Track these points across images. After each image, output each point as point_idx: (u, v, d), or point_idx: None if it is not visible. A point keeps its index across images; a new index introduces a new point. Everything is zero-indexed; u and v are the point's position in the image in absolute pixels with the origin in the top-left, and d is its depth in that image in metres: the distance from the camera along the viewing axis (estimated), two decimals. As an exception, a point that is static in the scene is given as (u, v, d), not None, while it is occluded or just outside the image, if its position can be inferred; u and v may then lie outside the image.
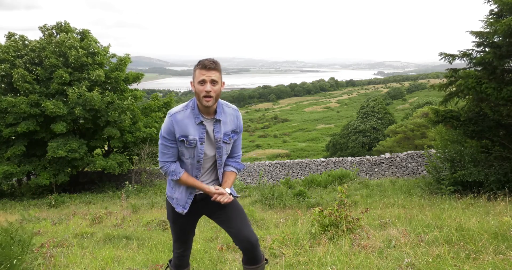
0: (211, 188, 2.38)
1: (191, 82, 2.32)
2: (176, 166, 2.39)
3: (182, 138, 2.30)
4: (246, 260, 2.51)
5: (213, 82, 2.24)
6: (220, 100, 2.38)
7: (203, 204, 2.52)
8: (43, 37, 17.98)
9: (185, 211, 2.44)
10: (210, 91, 2.22)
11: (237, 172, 2.56)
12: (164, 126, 2.34)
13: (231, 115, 2.42)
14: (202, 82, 2.23)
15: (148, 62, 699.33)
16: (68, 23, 18.49)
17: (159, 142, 2.40)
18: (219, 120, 2.35)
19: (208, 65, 2.22)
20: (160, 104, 20.84)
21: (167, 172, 2.40)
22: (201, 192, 2.47)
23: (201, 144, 2.33)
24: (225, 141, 2.39)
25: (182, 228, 2.57)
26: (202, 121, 2.31)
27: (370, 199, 8.43)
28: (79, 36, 18.60)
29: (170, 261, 2.80)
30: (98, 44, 18.81)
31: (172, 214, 2.53)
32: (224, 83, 2.35)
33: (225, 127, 2.39)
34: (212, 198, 2.37)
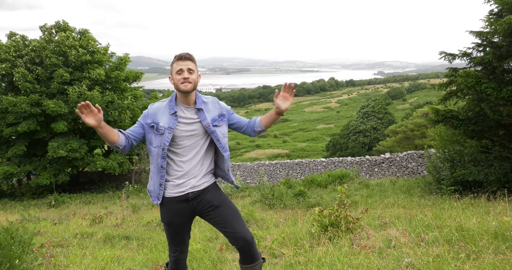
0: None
1: (169, 77, 2.47)
2: (123, 134, 2.43)
3: (152, 124, 2.44)
4: (243, 259, 2.51)
5: (190, 70, 2.39)
6: (197, 93, 2.53)
7: (195, 204, 2.50)
8: (43, 36, 17.98)
9: (159, 202, 2.50)
10: (188, 78, 2.37)
11: None
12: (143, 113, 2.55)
13: (211, 103, 2.56)
14: (180, 71, 2.38)
15: (148, 62, 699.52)
16: (67, 22, 18.50)
17: None
18: (201, 109, 2.48)
19: (184, 55, 2.40)
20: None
21: None
22: (193, 190, 2.48)
23: (169, 133, 2.42)
24: (215, 124, 2.49)
25: (175, 231, 2.54)
26: (176, 112, 2.43)
27: (370, 199, 8.42)
28: (78, 36, 18.62)
29: (167, 264, 2.77)
30: (97, 43, 18.81)
31: (166, 216, 2.52)
32: (200, 75, 2.49)
33: (210, 114, 2.51)
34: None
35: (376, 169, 15.75)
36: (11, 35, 18.08)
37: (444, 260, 2.96)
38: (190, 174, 2.47)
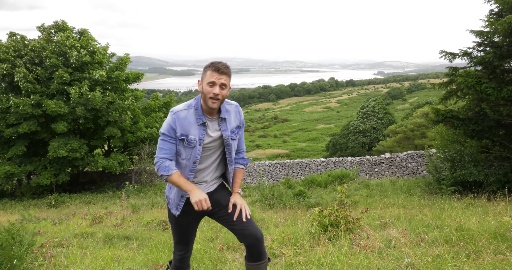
0: (194, 188, 2.33)
1: (198, 81, 2.35)
2: (170, 163, 2.36)
3: (182, 137, 2.32)
4: (250, 257, 2.50)
5: (222, 85, 2.27)
6: None
7: None
8: (41, 36, 17.97)
9: (178, 213, 2.46)
10: (218, 95, 2.25)
11: (243, 167, 2.63)
12: (165, 123, 2.34)
13: (233, 112, 2.47)
14: (212, 84, 2.25)
15: (148, 62, 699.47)
16: (66, 22, 18.48)
17: (159, 138, 2.39)
18: (224, 119, 2.39)
19: (221, 69, 2.25)
20: (160, 104, 20.87)
21: (160, 167, 2.33)
22: None
23: (200, 145, 2.34)
24: (232, 138, 2.44)
25: (184, 230, 2.55)
26: (205, 123, 2.33)
27: (370, 199, 8.43)
28: (77, 36, 18.61)
29: (170, 262, 2.78)
30: (96, 43, 18.80)
31: (174, 216, 2.52)
32: (230, 88, 2.37)
33: (230, 124, 2.43)
34: (235, 218, 2.43)
35: (376, 169, 15.75)
36: (11, 35, 18.07)
37: (444, 260, 2.96)
38: (203, 180, 2.49)
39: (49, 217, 9.52)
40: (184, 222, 2.52)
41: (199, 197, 2.26)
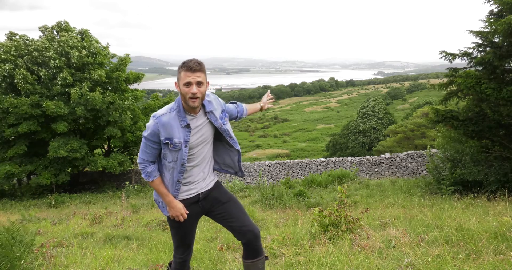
0: (173, 201, 2.42)
1: (175, 83, 2.35)
2: (153, 168, 2.41)
3: (167, 141, 2.30)
4: (247, 254, 2.51)
5: (199, 83, 2.26)
6: None
7: (204, 203, 2.53)
8: (43, 36, 17.96)
9: (168, 214, 2.48)
10: (196, 93, 2.24)
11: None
12: (148, 128, 2.33)
13: (214, 100, 2.51)
14: (188, 84, 2.24)
15: (148, 62, 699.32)
16: (68, 23, 18.50)
17: (142, 140, 2.40)
18: (212, 111, 2.43)
19: (193, 67, 2.23)
20: (161, 104, 20.88)
21: (143, 172, 2.41)
22: (203, 191, 2.50)
23: (185, 147, 2.33)
24: (224, 123, 2.49)
25: (185, 233, 2.54)
26: (188, 124, 2.32)
27: (370, 199, 8.43)
28: (79, 36, 18.62)
29: (170, 264, 2.77)
30: (98, 44, 18.82)
31: (174, 220, 2.50)
32: (208, 83, 2.38)
33: (217, 112, 2.47)
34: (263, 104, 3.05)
35: (376, 169, 15.75)
36: (10, 35, 18.05)
37: (444, 260, 2.96)
38: (199, 177, 2.49)
39: (49, 217, 9.53)
40: (186, 224, 2.51)
41: (179, 211, 2.42)
